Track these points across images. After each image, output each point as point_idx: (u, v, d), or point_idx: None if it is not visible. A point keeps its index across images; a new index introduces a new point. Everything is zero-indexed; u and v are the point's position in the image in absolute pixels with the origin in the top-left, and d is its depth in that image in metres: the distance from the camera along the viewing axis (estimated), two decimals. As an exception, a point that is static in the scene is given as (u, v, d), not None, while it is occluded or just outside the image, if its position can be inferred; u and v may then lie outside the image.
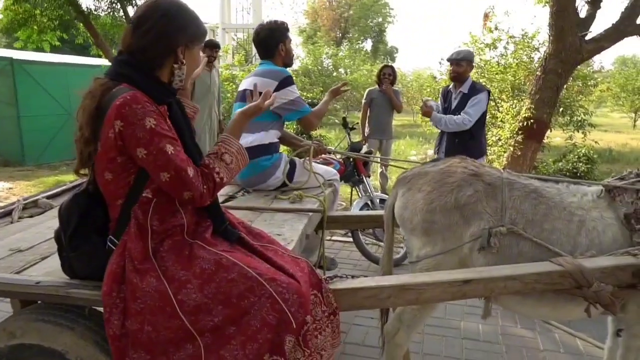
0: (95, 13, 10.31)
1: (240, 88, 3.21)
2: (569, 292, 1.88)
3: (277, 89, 2.88)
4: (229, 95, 11.18)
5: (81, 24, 10.47)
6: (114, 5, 10.28)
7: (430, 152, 10.77)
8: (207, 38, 2.27)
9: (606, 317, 2.37)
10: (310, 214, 2.59)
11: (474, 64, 4.95)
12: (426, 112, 4.49)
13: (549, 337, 3.29)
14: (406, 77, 23.86)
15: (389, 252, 2.46)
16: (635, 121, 19.36)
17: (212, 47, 6.24)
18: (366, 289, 1.84)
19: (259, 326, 1.50)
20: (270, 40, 3.11)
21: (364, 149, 5.53)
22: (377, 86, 6.36)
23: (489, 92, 4.60)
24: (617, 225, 2.05)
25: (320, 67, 16.10)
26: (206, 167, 1.59)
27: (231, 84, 11.58)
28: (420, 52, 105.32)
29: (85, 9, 10.01)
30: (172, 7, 1.60)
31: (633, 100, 18.04)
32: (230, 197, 2.94)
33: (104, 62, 10.68)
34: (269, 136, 3.02)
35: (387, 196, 4.56)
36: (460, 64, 4.43)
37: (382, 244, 4.58)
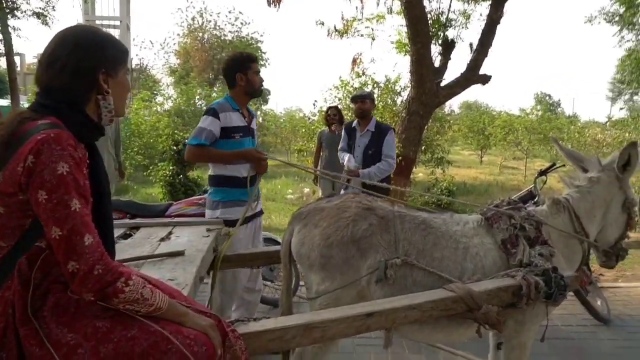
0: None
1: None
2: (462, 316, 1.99)
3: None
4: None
5: None
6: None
7: (307, 190, 11.02)
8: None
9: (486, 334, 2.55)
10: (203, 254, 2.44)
11: (375, 103, 5.31)
12: (355, 174, 4.47)
13: (434, 358, 3.45)
14: (279, 118, 24.42)
15: (288, 289, 2.41)
16: (481, 157, 21.90)
17: None
18: (270, 331, 1.74)
19: None
20: (229, 71, 3.23)
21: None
22: (326, 128, 6.34)
23: (393, 129, 4.98)
24: (496, 250, 2.24)
25: (193, 108, 15.70)
26: (121, 266, 1.36)
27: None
28: (291, 94, 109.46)
29: None
30: (81, 36, 1.43)
31: (479, 139, 20.44)
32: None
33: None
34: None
35: (270, 234, 4.50)
36: (365, 101, 4.76)
37: (267, 282, 4.49)
